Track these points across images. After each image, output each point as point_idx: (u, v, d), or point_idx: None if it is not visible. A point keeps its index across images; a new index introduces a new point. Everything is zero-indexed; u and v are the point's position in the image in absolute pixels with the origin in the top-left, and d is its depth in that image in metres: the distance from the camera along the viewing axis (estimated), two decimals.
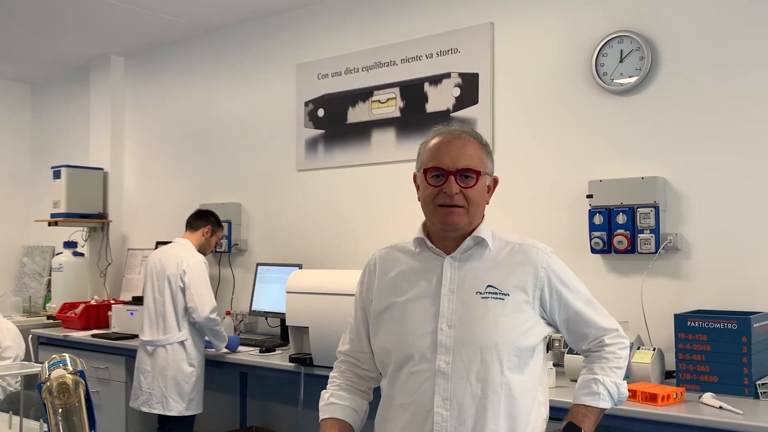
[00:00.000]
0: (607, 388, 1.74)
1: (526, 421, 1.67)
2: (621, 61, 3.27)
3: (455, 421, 1.62)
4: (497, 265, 1.72)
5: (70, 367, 1.58)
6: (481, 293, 1.68)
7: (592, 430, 1.74)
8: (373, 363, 1.85)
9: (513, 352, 1.65)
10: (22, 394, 2.29)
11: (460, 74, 3.81)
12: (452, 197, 1.67)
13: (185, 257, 3.89)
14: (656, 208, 3.08)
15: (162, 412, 3.81)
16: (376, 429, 1.78)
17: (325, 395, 1.84)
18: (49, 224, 5.50)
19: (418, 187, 1.79)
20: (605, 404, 1.75)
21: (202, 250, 4.03)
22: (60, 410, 1.52)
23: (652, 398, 2.56)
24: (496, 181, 1.80)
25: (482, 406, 1.63)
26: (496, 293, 1.68)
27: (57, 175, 5.41)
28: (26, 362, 2.60)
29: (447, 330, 1.66)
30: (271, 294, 4.29)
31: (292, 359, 3.57)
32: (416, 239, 1.79)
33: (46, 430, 1.70)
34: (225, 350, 3.92)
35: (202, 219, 4.11)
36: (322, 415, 1.81)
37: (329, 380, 1.88)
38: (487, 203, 1.78)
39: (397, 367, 1.71)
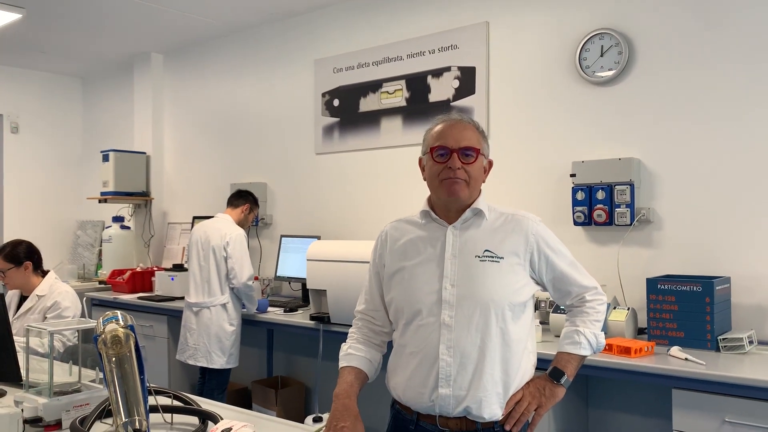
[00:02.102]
0: (587, 338, 1.76)
1: (517, 366, 1.69)
2: (601, 56, 3.24)
3: (458, 366, 1.64)
4: (493, 233, 1.73)
5: (121, 322, 1.59)
6: (479, 257, 1.69)
7: (574, 374, 1.77)
8: (386, 319, 1.86)
9: (507, 307, 1.67)
10: (80, 346, 2.32)
11: (459, 68, 3.78)
12: (455, 171, 1.68)
13: (228, 231, 3.89)
14: (631, 185, 3.07)
15: (206, 365, 3.85)
16: (388, 373, 1.80)
17: (344, 347, 1.86)
18: (100, 201, 5.55)
19: (423, 169, 1.80)
20: (585, 352, 1.77)
21: (240, 224, 4.02)
22: (113, 359, 1.54)
23: (626, 351, 2.58)
24: (490, 164, 1.80)
25: (481, 353, 1.65)
26: (492, 257, 1.69)
27: (105, 158, 5.44)
28: (83, 318, 2.63)
29: (450, 288, 1.67)
30: (293, 262, 4.32)
31: (312, 318, 3.59)
32: (422, 211, 1.80)
33: (102, 376, 1.73)
34: (255, 312, 3.96)
35: (242, 198, 4.12)
36: (341, 364, 1.82)
37: (348, 335, 1.90)
38: (483, 182, 1.79)
39: (408, 320, 1.72)
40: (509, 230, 1.73)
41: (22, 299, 3.31)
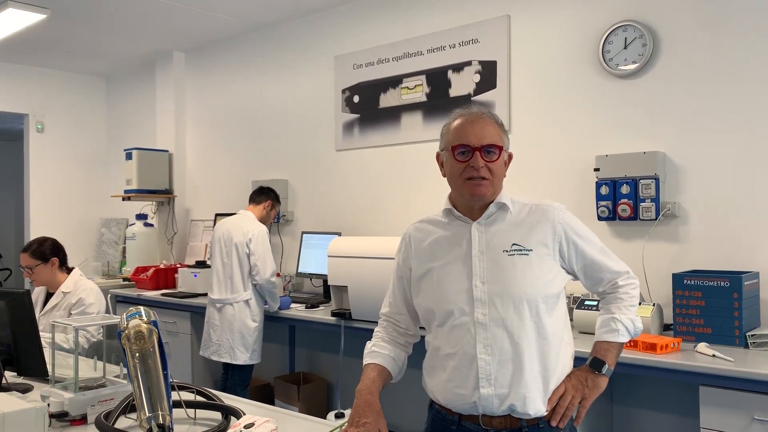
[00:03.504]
0: (624, 325, 1.72)
1: (556, 359, 1.66)
2: (625, 48, 3.20)
3: (497, 364, 1.62)
4: (519, 225, 1.70)
5: (144, 318, 1.61)
6: (507, 251, 1.66)
7: (615, 362, 1.73)
8: (410, 322, 1.85)
9: (541, 300, 1.64)
10: (105, 342, 2.35)
11: (480, 62, 3.75)
12: (479, 170, 1.64)
13: (250, 227, 3.90)
14: (656, 179, 3.03)
15: (230, 361, 3.87)
16: (424, 375, 1.78)
17: (368, 345, 1.85)
18: (123, 199, 5.60)
19: (441, 165, 1.77)
20: (624, 339, 1.73)
21: (262, 221, 4.03)
22: (137, 354, 1.55)
23: (651, 347, 2.55)
24: (510, 157, 1.77)
25: (519, 349, 1.62)
26: (520, 249, 1.66)
27: (129, 156, 5.49)
28: (107, 314, 2.66)
29: (481, 286, 1.65)
30: (314, 258, 4.32)
31: (333, 314, 3.60)
32: (445, 210, 1.77)
33: (126, 372, 1.75)
34: (277, 309, 3.96)
35: (264, 194, 4.13)
36: (365, 361, 1.81)
37: (373, 334, 1.88)
38: (504, 176, 1.76)
39: (441, 322, 1.70)
40: (535, 221, 1.70)
41: (48, 296, 3.36)
